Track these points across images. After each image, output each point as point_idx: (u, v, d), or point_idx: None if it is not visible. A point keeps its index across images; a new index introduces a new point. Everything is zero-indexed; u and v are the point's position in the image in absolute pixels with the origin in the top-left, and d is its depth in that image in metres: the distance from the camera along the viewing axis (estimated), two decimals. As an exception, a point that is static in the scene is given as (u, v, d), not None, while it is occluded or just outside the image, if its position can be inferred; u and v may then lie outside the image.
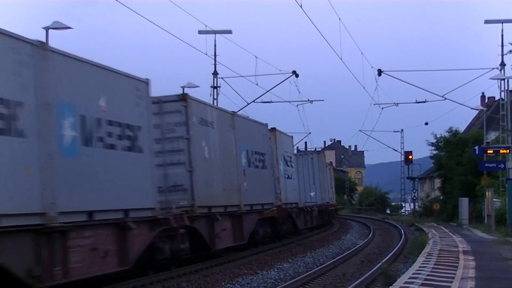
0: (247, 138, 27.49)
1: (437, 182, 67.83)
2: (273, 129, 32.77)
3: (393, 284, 14.52)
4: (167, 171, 21.12)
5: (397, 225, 50.78)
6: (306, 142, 66.42)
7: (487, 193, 39.25)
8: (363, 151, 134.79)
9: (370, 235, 40.50)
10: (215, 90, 42.06)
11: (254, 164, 28.19)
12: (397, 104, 53.11)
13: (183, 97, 21.50)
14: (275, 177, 31.72)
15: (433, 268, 17.60)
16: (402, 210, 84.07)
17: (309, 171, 44.09)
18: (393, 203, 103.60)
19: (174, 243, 19.88)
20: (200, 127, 22.23)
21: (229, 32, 41.19)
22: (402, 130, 76.12)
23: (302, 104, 51.93)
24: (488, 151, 40.41)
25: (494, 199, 37.68)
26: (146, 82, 18.27)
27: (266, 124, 31.20)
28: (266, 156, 30.20)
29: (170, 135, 21.37)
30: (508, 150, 39.16)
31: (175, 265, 20.43)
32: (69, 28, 27.09)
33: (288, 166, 35.30)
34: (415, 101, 50.34)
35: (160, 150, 20.68)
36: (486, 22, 41.61)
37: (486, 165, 41.19)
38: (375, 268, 20.94)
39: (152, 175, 18.17)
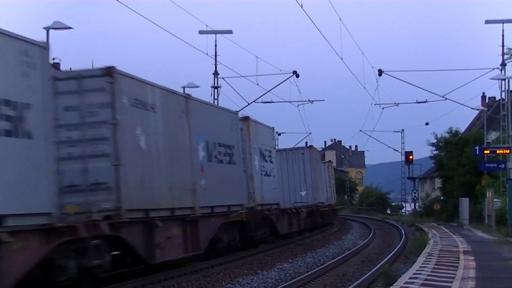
0: (208, 127, 22.68)
1: (438, 182, 67.63)
2: (246, 118, 28.06)
3: (394, 284, 14.10)
4: (87, 165, 16.43)
5: (398, 225, 49.48)
6: (306, 142, 65.95)
7: (487, 193, 37.56)
8: (363, 151, 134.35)
9: (371, 235, 39.79)
10: (215, 90, 41.82)
11: (217, 158, 23.27)
12: (397, 104, 52.26)
13: (108, 71, 16.72)
14: (247, 174, 26.94)
15: (433, 268, 17.12)
16: (403, 210, 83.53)
17: (300, 168, 39.48)
18: (393, 203, 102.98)
19: (84, 258, 15.15)
20: (133, 110, 17.49)
21: (230, 32, 40.22)
22: (402, 130, 75.07)
23: (302, 104, 50.58)
24: (485, 152, 40.40)
25: (495, 199, 36.21)
26: (41, 46, 13.52)
27: (236, 111, 26.78)
28: (235, 149, 25.12)
29: (92, 120, 16.67)
30: (508, 151, 39.07)
31: (91, 285, 15.87)
32: (69, 28, 27.05)
33: (266, 161, 30.19)
34: (415, 101, 49.53)
35: (78, 138, 16.52)
36: (487, 22, 40.50)
37: (486, 165, 39.46)
38: (375, 268, 20.41)
39: (48, 169, 13.47)
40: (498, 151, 39.10)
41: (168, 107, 19.62)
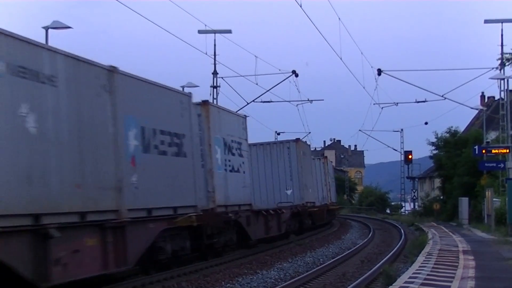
0: (145, 110, 17.93)
1: (437, 182, 67.79)
2: (205, 102, 23.73)
3: (393, 284, 14.02)
4: None
5: (397, 225, 49.40)
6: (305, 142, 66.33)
7: (487, 192, 37.49)
8: (363, 151, 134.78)
9: (370, 234, 39.28)
10: (215, 89, 41.90)
11: (158, 148, 18.39)
12: (397, 104, 52.31)
13: None
14: (206, 169, 22.59)
15: (433, 267, 17.02)
16: (402, 210, 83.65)
17: (285, 163, 35.37)
18: (393, 203, 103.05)
19: None
20: (16, 81, 13.15)
21: (229, 31, 40.16)
22: (402, 129, 74.94)
23: (302, 103, 50.48)
24: (482, 151, 40.51)
25: (494, 199, 35.85)
26: None
27: (189, 93, 21.77)
28: (186, 139, 20.20)
29: None
30: (505, 150, 39.08)
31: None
32: (69, 28, 26.91)
33: (233, 155, 25.42)
34: (415, 101, 49.55)
35: None
36: (486, 22, 40.44)
37: (486, 164, 39.39)
38: (375, 267, 20.37)
39: None
40: (493, 151, 39.17)
41: (78, 81, 15.12)
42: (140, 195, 17.15)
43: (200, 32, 39.35)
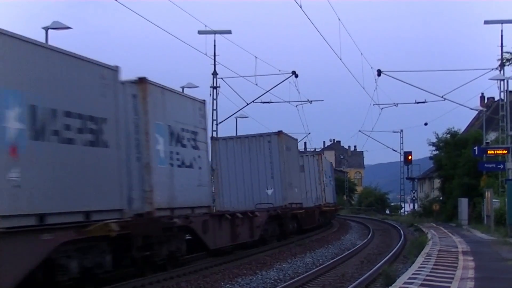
0: (39, 84, 13.65)
1: (437, 183, 67.88)
2: (142, 79, 18.65)
3: (393, 285, 14.02)
4: None
5: (397, 226, 49.23)
6: (305, 142, 66.11)
7: (486, 193, 37.57)
8: (362, 152, 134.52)
9: (370, 235, 39.21)
10: (214, 90, 41.90)
11: (59, 135, 14.09)
12: (396, 105, 52.29)
13: None
14: (142, 163, 18.18)
15: (432, 268, 17.07)
16: (402, 211, 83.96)
17: (266, 159, 31.35)
18: (392, 204, 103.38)
19: None
20: None
21: (229, 32, 40.39)
22: (401, 130, 74.99)
23: (301, 104, 50.31)
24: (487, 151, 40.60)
25: (494, 200, 35.85)
26: None
27: (116, 67, 16.72)
28: (109, 125, 15.92)
29: None
30: (501, 151, 39.12)
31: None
32: (69, 28, 26.95)
33: (183, 146, 20.88)
34: (414, 102, 49.78)
35: None
36: (486, 22, 40.47)
37: (485, 165, 39.52)
38: (374, 268, 20.32)
39: None
40: (489, 151, 39.20)
41: None
42: (25, 197, 12.93)
43: (200, 32, 39.47)
